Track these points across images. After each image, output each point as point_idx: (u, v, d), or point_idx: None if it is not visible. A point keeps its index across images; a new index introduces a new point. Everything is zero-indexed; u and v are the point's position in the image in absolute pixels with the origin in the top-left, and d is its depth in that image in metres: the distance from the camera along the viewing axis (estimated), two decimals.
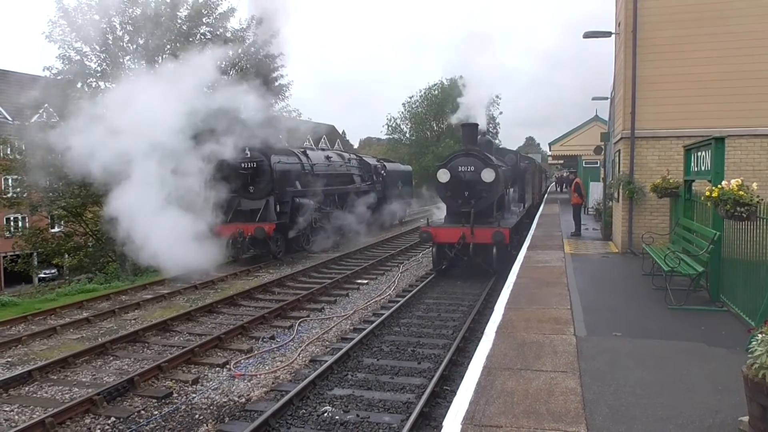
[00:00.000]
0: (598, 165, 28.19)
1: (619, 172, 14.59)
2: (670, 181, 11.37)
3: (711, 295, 8.51)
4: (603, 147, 22.18)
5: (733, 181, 6.76)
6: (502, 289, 9.79)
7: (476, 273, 15.05)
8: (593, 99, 25.54)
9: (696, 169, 9.62)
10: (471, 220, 14.33)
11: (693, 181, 10.25)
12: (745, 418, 4.34)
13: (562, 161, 45.91)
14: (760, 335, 4.16)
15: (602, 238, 16.74)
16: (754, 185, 6.89)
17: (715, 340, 6.63)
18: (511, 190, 18.65)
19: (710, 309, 8.11)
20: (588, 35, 14.71)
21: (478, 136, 16.82)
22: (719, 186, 6.96)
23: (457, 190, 15.04)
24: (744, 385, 4.26)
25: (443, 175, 15.05)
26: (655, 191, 11.87)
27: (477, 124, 16.51)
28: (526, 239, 16.06)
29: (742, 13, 12.28)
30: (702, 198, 7.92)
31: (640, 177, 13.19)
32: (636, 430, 4.39)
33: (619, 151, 14.63)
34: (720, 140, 8.27)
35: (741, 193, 6.60)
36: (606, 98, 23.54)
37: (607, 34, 14.79)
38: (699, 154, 9.35)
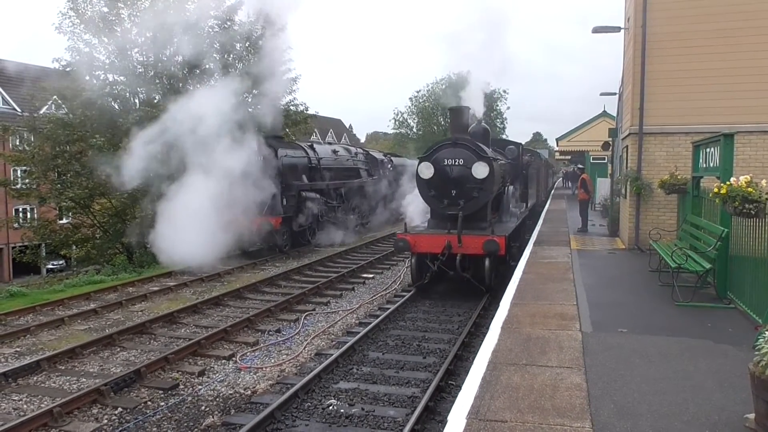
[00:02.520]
0: (606, 161, 28.08)
1: (626, 168, 14.52)
2: (678, 177, 11.32)
3: (718, 292, 8.48)
4: (611, 143, 22.09)
5: (741, 178, 6.73)
6: (507, 285, 9.78)
7: (465, 291, 12.55)
8: (601, 94, 25.52)
9: (704, 165, 9.58)
10: (459, 226, 11.76)
11: (701, 177, 10.20)
12: (751, 416, 4.34)
13: (569, 157, 45.73)
14: (767, 332, 4.15)
15: (609, 234, 16.69)
16: (763, 182, 6.85)
17: (722, 337, 6.61)
18: (511, 187, 15.82)
19: (717, 306, 8.08)
20: (597, 30, 14.64)
21: (473, 123, 14.38)
22: (728, 183, 6.93)
23: (443, 188, 12.44)
24: (750, 382, 4.25)
25: (425, 170, 12.51)
26: (662, 187, 11.82)
27: (468, 108, 13.85)
28: (533, 235, 16.01)
29: (752, 8, 12.19)
30: (710, 195, 7.89)
31: (647, 173, 13.13)
32: (641, 426, 4.39)
33: (626, 147, 14.56)
34: (729, 136, 8.23)
35: (750, 189, 6.57)
36: (614, 94, 23.44)
37: (617, 29, 14.70)
38: (708, 150, 9.30)
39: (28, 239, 25.39)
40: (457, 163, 12.37)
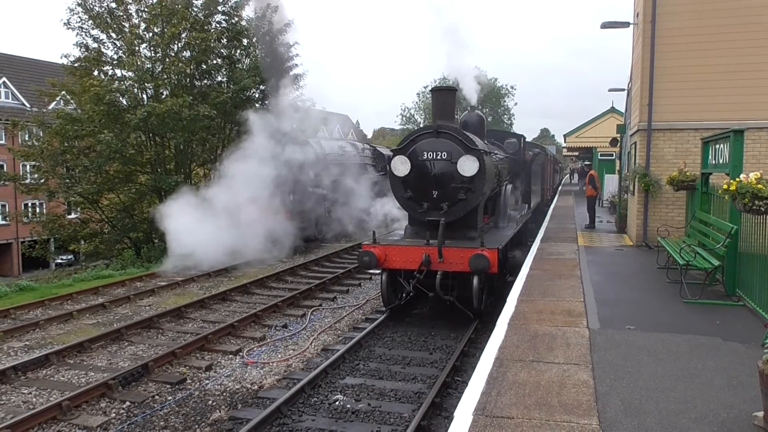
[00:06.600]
0: (614, 157, 27.95)
1: (635, 164, 14.44)
2: (687, 173, 11.25)
3: (727, 290, 8.43)
4: (619, 139, 21.97)
5: (751, 175, 6.66)
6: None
7: (449, 316, 10.47)
8: (610, 90, 25.29)
9: (714, 162, 9.50)
10: (440, 235, 9.53)
11: (710, 174, 10.13)
12: (760, 414, 4.31)
13: (577, 153, 45.56)
14: None
15: (617, 230, 16.62)
16: None
17: (731, 335, 6.57)
18: (510, 186, 13.28)
19: (726, 303, 8.03)
20: (606, 25, 14.52)
21: (464, 112, 12.58)
22: (737, 179, 6.86)
23: (422, 188, 10.17)
24: (759, 380, 4.23)
25: (400, 165, 10.18)
26: (671, 184, 11.75)
27: (455, 89, 11.45)
28: (540, 231, 15.93)
29: (761, 3, 12.07)
30: (719, 191, 7.83)
31: (656, 169, 13.06)
32: (649, 424, 4.37)
33: (635, 143, 14.47)
34: (739, 133, 8.15)
35: (759, 186, 6.50)
36: (623, 89, 23.28)
37: (625, 24, 14.59)
38: (717, 146, 9.23)
39: (37, 234, 25.56)
40: (439, 157, 10.08)
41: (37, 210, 31.15)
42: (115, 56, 23.24)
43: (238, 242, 16.53)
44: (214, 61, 24.28)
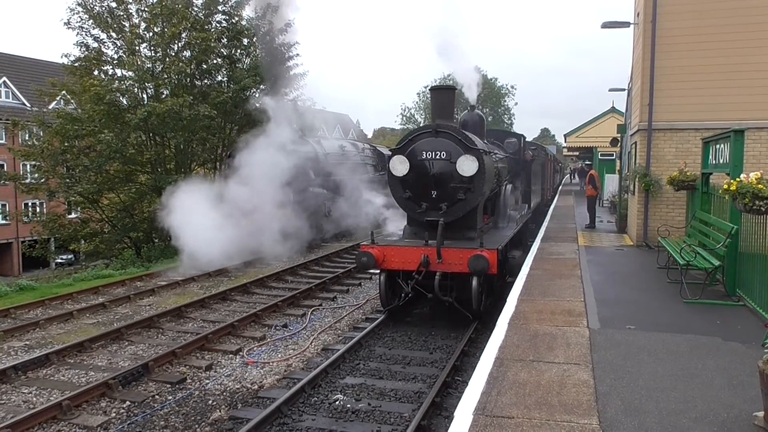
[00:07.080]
0: (614, 157, 27.96)
1: (635, 164, 14.44)
2: (688, 173, 11.25)
3: (727, 290, 8.43)
4: (619, 139, 21.97)
5: (752, 174, 6.66)
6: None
7: (449, 316, 10.40)
8: (610, 90, 25.31)
9: (714, 161, 9.50)
10: (438, 236, 9.45)
11: (711, 174, 10.13)
12: (760, 414, 4.31)
13: (577, 153, 45.56)
14: None
15: (617, 230, 16.62)
16: None
17: (731, 335, 6.57)
18: (510, 186, 13.13)
19: (726, 303, 8.04)
20: (606, 25, 14.52)
21: (464, 111, 12.44)
22: (738, 179, 6.86)
23: (421, 188, 10.12)
24: (759, 380, 4.23)
25: (398, 165, 10.11)
26: (671, 184, 11.75)
27: (454, 88, 11.38)
28: (540, 231, 15.93)
29: (761, 3, 12.07)
30: (720, 191, 7.83)
31: (656, 169, 13.06)
32: (649, 424, 4.37)
33: (635, 143, 14.47)
34: (739, 132, 8.16)
35: (760, 186, 6.50)
36: (623, 89, 23.29)
37: (626, 24, 14.59)
38: (717, 146, 9.23)
39: (37, 233, 25.57)
40: (438, 157, 10.00)
41: (38, 210, 31.17)
42: (116, 56, 23.27)
43: (253, 241, 16.54)
44: (215, 61, 24.29)
